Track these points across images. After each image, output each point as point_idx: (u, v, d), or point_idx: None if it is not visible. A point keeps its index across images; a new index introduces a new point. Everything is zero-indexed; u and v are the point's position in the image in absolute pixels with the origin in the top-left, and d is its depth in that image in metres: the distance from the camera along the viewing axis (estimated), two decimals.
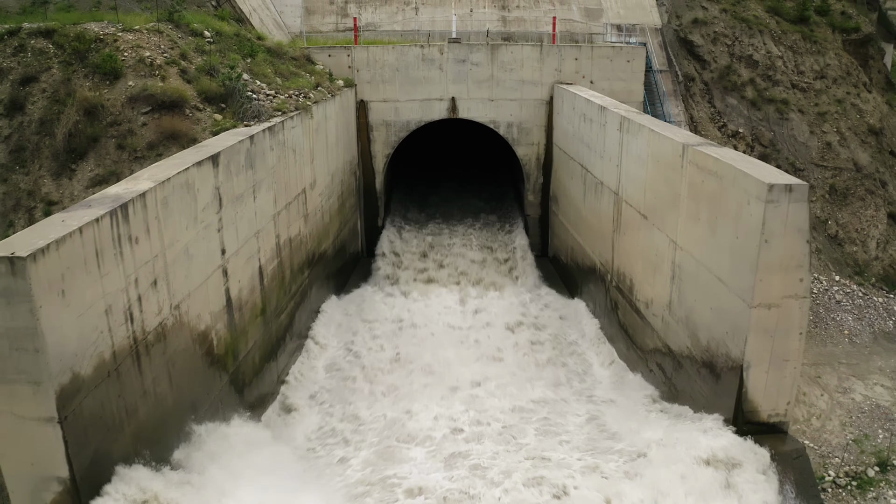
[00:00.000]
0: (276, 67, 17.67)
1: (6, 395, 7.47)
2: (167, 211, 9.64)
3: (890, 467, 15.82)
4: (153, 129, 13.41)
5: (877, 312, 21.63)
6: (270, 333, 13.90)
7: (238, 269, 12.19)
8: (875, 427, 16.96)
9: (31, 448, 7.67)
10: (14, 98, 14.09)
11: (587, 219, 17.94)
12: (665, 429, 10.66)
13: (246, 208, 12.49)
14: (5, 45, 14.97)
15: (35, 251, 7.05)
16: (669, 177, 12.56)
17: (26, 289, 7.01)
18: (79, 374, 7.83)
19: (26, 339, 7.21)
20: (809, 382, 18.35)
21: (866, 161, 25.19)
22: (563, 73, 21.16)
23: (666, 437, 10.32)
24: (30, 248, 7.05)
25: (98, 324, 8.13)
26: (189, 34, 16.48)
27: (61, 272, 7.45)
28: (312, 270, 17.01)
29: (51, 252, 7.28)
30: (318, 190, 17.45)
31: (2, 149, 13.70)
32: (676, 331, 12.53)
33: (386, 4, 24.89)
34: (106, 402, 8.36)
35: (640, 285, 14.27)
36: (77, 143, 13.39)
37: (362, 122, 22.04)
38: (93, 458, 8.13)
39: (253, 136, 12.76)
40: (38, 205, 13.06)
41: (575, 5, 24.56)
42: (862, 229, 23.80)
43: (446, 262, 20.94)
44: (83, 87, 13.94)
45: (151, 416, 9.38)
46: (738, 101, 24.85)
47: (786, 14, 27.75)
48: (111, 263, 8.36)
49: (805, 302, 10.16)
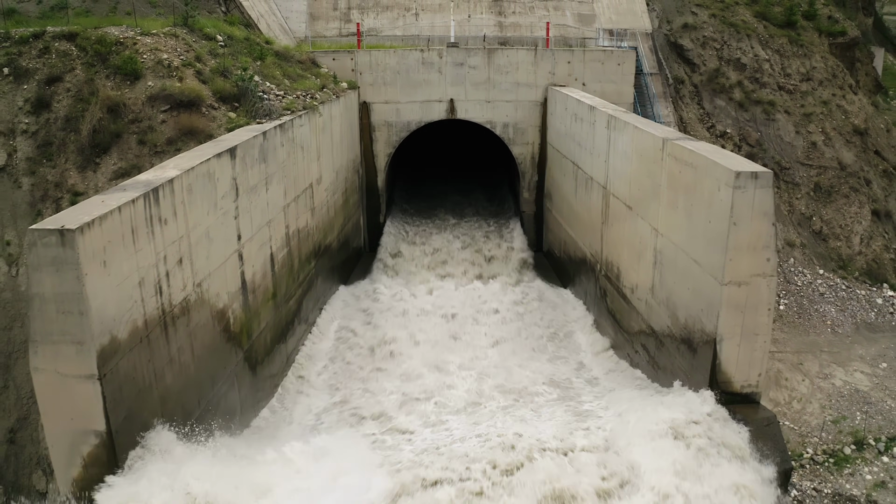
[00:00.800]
0: (284, 70, 18.76)
1: (51, 355, 8.47)
2: (191, 197, 10.68)
3: (866, 446, 16.76)
4: (172, 125, 14.48)
5: (859, 304, 22.60)
6: (280, 317, 14.90)
7: (252, 254, 13.22)
8: (853, 410, 17.91)
9: (72, 404, 8.65)
10: (40, 97, 15.17)
11: (578, 213, 18.97)
12: (643, 395, 11.65)
13: (259, 199, 13.52)
14: (30, 47, 16.07)
15: (82, 225, 8.08)
16: (651, 169, 13.59)
17: (74, 258, 8.03)
18: (116, 338, 8.84)
19: (72, 303, 8.22)
20: (791, 369, 19.32)
21: (851, 160, 26.22)
22: (556, 76, 22.24)
23: (643, 399, 11.33)
24: (78, 222, 8.08)
25: (133, 294, 9.15)
26: (202, 38, 17.59)
27: (103, 245, 8.48)
28: (319, 261, 18.04)
29: (95, 226, 8.31)
30: (324, 185, 18.49)
31: (30, 143, 14.77)
32: (658, 312, 13.52)
33: (387, 10, 26.03)
34: (138, 365, 9.36)
35: (627, 272, 15.27)
36: (101, 139, 14.46)
37: (365, 123, 23.11)
38: (126, 415, 9.12)
39: (266, 133, 13.81)
40: (65, 195, 14.11)
41: (569, 11, 25.71)
42: (846, 225, 24.81)
43: (445, 257, 21.95)
44: (105, 87, 15.03)
45: (176, 383, 10.37)
46: (726, 103, 25.93)
47: (773, 19, 28.88)
48: (144, 241, 9.38)
49: (772, 280, 11.15)
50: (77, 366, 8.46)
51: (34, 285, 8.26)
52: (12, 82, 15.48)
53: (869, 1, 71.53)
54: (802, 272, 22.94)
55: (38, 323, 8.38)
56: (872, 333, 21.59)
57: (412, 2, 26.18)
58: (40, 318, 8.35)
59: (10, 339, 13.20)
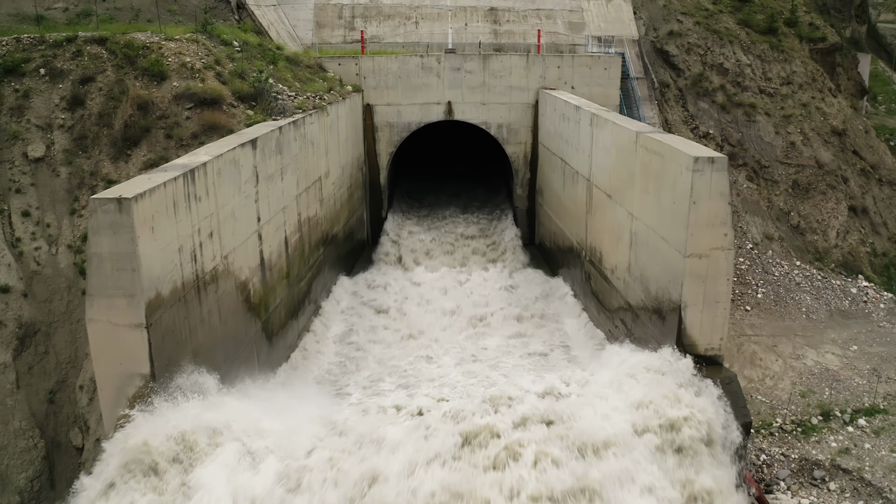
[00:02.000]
0: (295, 73, 20.54)
1: (104, 307, 10.09)
2: (220, 180, 12.35)
3: (833, 417, 18.30)
4: (196, 121, 16.20)
5: (834, 293, 24.20)
6: (293, 295, 16.53)
7: (269, 235, 14.87)
8: (822, 386, 19.46)
9: (121, 350, 10.24)
10: (75, 95, 16.91)
11: (566, 205, 20.65)
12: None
13: (275, 186, 15.20)
14: (64, 50, 17.82)
15: (137, 195, 9.75)
16: (627, 160, 15.28)
17: (130, 223, 9.69)
18: (160, 294, 10.47)
19: (126, 261, 9.86)
20: (766, 350, 20.89)
21: (828, 159, 27.95)
22: (547, 80, 24.01)
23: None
24: (133, 193, 9.75)
25: (174, 258, 10.79)
26: (220, 44, 19.37)
27: (152, 213, 10.14)
28: (326, 249, 19.69)
29: (146, 197, 9.98)
30: (332, 179, 20.19)
31: (66, 137, 16.49)
32: (634, 288, 15.15)
33: (389, 19, 27.89)
34: (176, 320, 10.98)
35: (607, 255, 16.91)
36: (131, 133, 16.18)
37: (368, 124, 24.85)
38: (167, 362, 10.73)
39: (281, 128, 15.53)
40: (100, 183, 15.81)
41: (560, 19, 27.56)
42: (823, 220, 26.47)
43: (443, 248, 23.62)
44: (135, 87, 16.77)
45: (206, 340, 11.98)
46: (709, 106, 27.71)
47: (756, 26, 30.73)
48: (183, 213, 11.05)
49: (730, 253, 12.77)
50: (128, 316, 10.07)
51: (93, 246, 9.91)
52: (48, 82, 17.22)
53: (862, 9, 73.85)
54: (780, 263, 24.57)
55: (95, 279, 10.01)
56: (845, 320, 23.17)
57: (412, 11, 28.04)
58: (97, 275, 9.98)
59: (51, 311, 14.81)
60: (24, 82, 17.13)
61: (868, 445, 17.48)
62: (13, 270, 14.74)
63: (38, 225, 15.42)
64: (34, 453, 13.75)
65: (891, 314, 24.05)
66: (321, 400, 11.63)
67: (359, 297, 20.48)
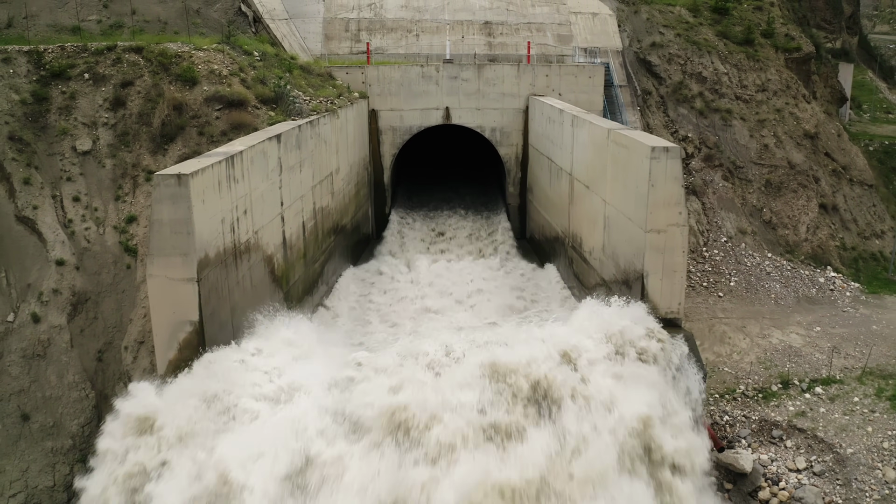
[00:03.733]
0: (308, 80, 23.21)
1: (163, 264, 12.57)
2: (253, 166, 14.90)
3: (791, 385, 20.65)
4: (224, 120, 18.81)
5: (802, 282, 26.67)
6: (309, 274, 19.01)
7: (290, 219, 17.40)
8: (784, 360, 21.83)
9: (175, 301, 12.71)
10: (117, 97, 19.53)
11: (552, 199, 23.20)
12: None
13: (295, 177, 17.76)
14: (105, 57, 20.47)
15: (192, 172, 12.28)
16: (601, 153, 17.85)
17: (187, 195, 12.21)
18: (207, 255, 12.97)
19: (182, 226, 12.36)
20: (735, 331, 23.29)
21: (800, 160, 30.58)
22: (536, 87, 26.71)
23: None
24: (189, 170, 12.29)
25: (218, 227, 13.30)
26: (243, 53, 22.07)
27: (203, 188, 12.66)
28: (336, 238, 22.20)
29: (199, 175, 12.51)
30: (341, 175, 22.77)
31: (110, 133, 19.08)
32: (608, 265, 17.64)
33: (392, 32, 30.69)
34: (219, 279, 13.46)
35: (586, 239, 19.43)
36: (168, 130, 18.78)
37: (373, 127, 27.49)
38: (211, 313, 13.19)
39: (300, 126, 18.13)
40: (141, 174, 18.38)
41: (549, 32, 30.38)
42: (793, 216, 29.02)
43: (441, 241, 26.16)
44: (170, 90, 19.40)
45: (240, 301, 14.45)
46: (688, 111, 30.40)
47: (734, 37, 33.55)
48: (225, 191, 13.57)
49: (684, 229, 15.27)
50: (182, 271, 12.56)
51: (155, 213, 12.42)
52: (92, 85, 19.85)
53: (853, 20, 77.26)
54: (752, 255, 27.06)
55: (156, 241, 12.51)
56: (811, 305, 25.60)
57: (413, 24, 30.86)
58: (158, 237, 12.48)
59: (99, 282, 17.26)
60: (70, 85, 19.75)
61: (823, 410, 19.81)
62: (66, 247, 17.24)
63: (86, 209, 17.95)
64: (85, 403, 16.15)
65: (856, 301, 26.49)
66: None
67: (367, 283, 22.93)
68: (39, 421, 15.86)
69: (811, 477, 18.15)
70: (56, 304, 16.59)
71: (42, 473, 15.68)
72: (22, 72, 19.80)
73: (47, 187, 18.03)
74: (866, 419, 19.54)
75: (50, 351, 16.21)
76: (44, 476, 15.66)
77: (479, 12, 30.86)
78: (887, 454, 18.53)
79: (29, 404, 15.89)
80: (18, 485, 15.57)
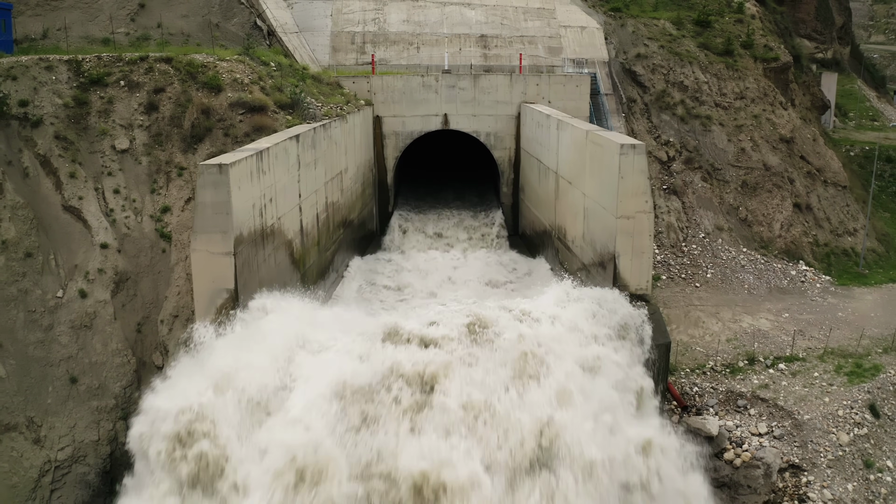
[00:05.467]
0: (319, 89, 26.00)
1: (205, 240, 15.19)
2: (277, 161, 17.58)
3: (757, 362, 23.17)
4: (247, 123, 21.54)
5: (774, 274, 29.28)
6: (322, 261, 21.62)
7: (306, 210, 20.04)
8: (752, 341, 24.38)
9: (214, 271, 15.30)
10: (150, 102, 22.26)
11: (541, 196, 25.88)
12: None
13: (310, 173, 20.43)
14: (138, 66, 23.21)
15: (231, 162, 14.95)
16: (581, 152, 20.55)
17: (226, 181, 14.86)
18: (241, 233, 15.59)
19: (222, 208, 14.99)
20: (709, 316, 25.86)
21: (776, 163, 33.32)
22: (527, 95, 29.51)
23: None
24: (228, 161, 14.96)
25: (250, 210, 15.94)
26: (260, 63, 24.86)
27: (239, 177, 15.32)
28: (345, 231, 24.85)
29: (236, 165, 15.17)
30: (350, 175, 25.47)
31: (145, 134, 21.79)
32: (587, 251, 20.26)
33: (395, 44, 33.59)
34: (250, 255, 16.08)
35: (569, 230, 22.07)
36: (197, 132, 21.49)
37: (377, 132, 30.25)
38: (244, 283, 15.78)
39: (315, 129, 20.84)
40: (174, 170, 21.07)
41: (541, 45, 33.27)
42: (768, 214, 31.69)
43: (440, 237, 28.80)
44: (198, 96, 22.14)
45: (265, 277, 17.05)
46: (670, 118, 33.21)
47: (714, 48, 36.44)
48: (255, 181, 16.23)
49: (650, 215, 17.89)
50: (221, 246, 15.18)
51: (199, 197, 15.06)
52: (127, 91, 22.59)
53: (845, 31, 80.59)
54: (728, 249, 29.70)
55: (200, 221, 15.14)
56: (782, 295, 28.20)
57: (414, 37, 33.77)
58: (201, 218, 15.11)
59: (138, 264, 19.86)
60: (108, 91, 22.47)
61: (784, 383, 22.34)
62: (109, 232, 19.88)
63: (126, 200, 20.61)
64: (127, 368, 18.69)
65: (825, 292, 29.09)
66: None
67: (372, 272, 25.55)
68: (86, 383, 18.40)
69: (771, 440, 20.64)
70: (101, 282, 19.20)
71: (88, 429, 18.18)
72: (63, 78, 22.53)
73: (90, 181, 20.71)
74: (824, 391, 22.07)
75: (96, 322, 18.79)
76: (89, 431, 18.16)
77: (476, 26, 33.79)
78: (842, 421, 21.06)
79: (77, 369, 18.43)
80: (66, 439, 18.06)
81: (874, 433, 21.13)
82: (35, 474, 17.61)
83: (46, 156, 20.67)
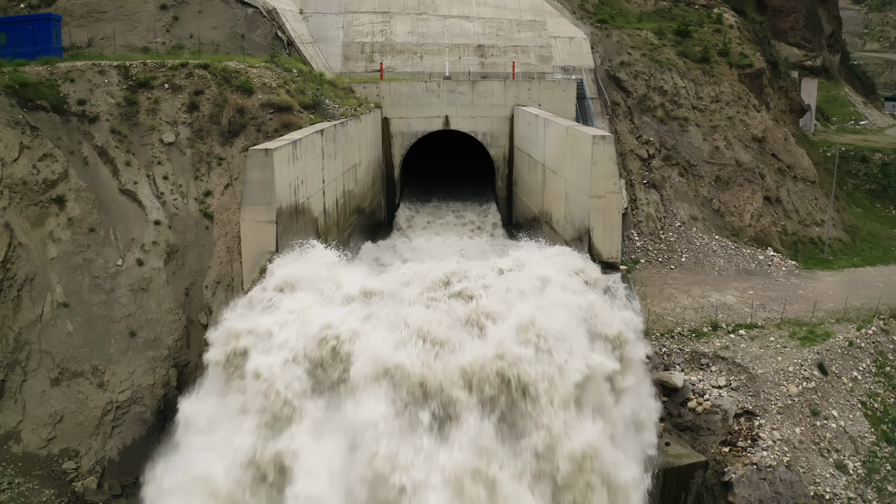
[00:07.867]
0: (335, 92, 30.12)
1: (252, 211, 19.16)
2: (306, 151, 21.59)
3: (719, 328, 27.02)
4: (276, 121, 25.60)
5: (743, 258, 33.20)
6: (340, 240, 25.55)
7: (328, 194, 24.04)
8: (717, 311, 28.23)
9: (259, 236, 19.25)
10: (192, 102, 26.35)
11: (531, 187, 29.90)
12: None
13: (331, 163, 24.44)
14: (179, 72, 27.32)
15: (274, 148, 18.96)
16: (562, 145, 24.58)
17: (271, 163, 18.85)
18: (281, 206, 19.57)
19: (267, 185, 18.97)
20: (681, 293, 29.75)
21: (748, 160, 37.37)
22: (520, 99, 33.64)
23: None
24: (273, 146, 18.97)
25: (287, 189, 19.93)
26: (284, 70, 29.01)
27: (280, 160, 19.32)
28: (358, 218, 28.83)
29: (278, 151, 19.18)
30: (363, 168, 29.50)
31: (188, 130, 25.84)
32: (568, 229, 24.21)
33: (400, 54, 37.79)
34: (287, 226, 20.02)
35: (555, 213, 26.04)
36: (233, 128, 25.55)
37: (386, 132, 34.33)
38: (282, 248, 19.71)
39: (335, 125, 24.90)
40: (214, 160, 25.09)
41: (532, 53, 37.49)
42: (739, 206, 35.68)
43: (442, 226, 32.79)
44: (233, 97, 26.22)
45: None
46: (651, 119, 37.31)
47: (692, 56, 40.64)
48: (291, 165, 20.23)
49: (619, 195, 21.85)
50: (265, 216, 19.13)
51: (248, 176, 19.04)
52: (171, 93, 26.67)
53: (835, 39, 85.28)
54: (702, 237, 33.66)
55: (248, 195, 19.11)
56: (749, 276, 32.11)
57: (418, 47, 37.99)
58: (249, 193, 19.08)
59: (185, 238, 23.81)
60: (154, 93, 26.56)
61: (743, 345, 26.19)
62: (160, 212, 23.87)
63: (174, 185, 24.61)
64: (178, 324, 22.58)
65: (789, 274, 33.01)
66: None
67: (382, 255, 29.46)
68: (143, 337, 22.28)
69: (729, 391, 24.46)
70: (154, 252, 23.16)
71: (144, 375, 22.04)
72: (114, 81, 26.63)
73: (142, 168, 24.74)
74: (778, 352, 25.92)
75: (151, 286, 22.71)
76: (146, 377, 22.02)
77: (474, 37, 38.05)
78: (791, 375, 24.88)
79: (135, 324, 22.32)
80: (126, 384, 21.92)
81: (821, 387, 24.91)
82: (99, 413, 21.47)
83: (104, 147, 24.71)
